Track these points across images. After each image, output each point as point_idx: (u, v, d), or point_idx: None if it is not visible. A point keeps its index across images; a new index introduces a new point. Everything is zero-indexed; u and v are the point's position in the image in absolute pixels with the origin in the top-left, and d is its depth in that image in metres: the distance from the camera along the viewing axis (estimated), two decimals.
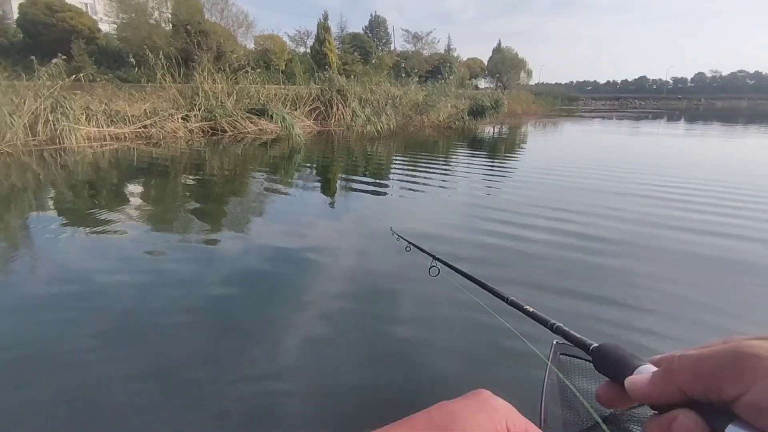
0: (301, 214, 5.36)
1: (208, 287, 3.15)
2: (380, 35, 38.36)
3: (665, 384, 0.30)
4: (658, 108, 49.79)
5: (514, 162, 10.12)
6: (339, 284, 3.27)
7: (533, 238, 4.24)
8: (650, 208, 5.32)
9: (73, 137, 10.35)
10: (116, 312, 2.74)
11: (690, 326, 2.60)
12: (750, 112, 40.91)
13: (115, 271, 3.42)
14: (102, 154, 9.83)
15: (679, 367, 0.29)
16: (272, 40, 24.24)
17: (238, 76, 15.35)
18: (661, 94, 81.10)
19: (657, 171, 8.18)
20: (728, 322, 2.63)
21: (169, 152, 10.21)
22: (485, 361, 2.32)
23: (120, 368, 2.18)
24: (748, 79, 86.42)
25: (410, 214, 5.44)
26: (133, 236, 4.32)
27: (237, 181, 7.48)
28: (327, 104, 16.78)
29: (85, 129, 10.76)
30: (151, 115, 12.35)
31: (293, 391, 2.05)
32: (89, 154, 9.71)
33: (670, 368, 0.30)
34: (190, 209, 5.53)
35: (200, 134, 12.95)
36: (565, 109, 38.90)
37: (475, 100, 20.73)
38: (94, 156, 9.60)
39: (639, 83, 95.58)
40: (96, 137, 11.02)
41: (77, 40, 20.23)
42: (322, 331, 2.59)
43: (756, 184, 6.81)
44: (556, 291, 3.03)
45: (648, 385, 0.31)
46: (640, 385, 0.32)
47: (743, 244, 4.02)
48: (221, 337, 2.50)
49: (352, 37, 31.00)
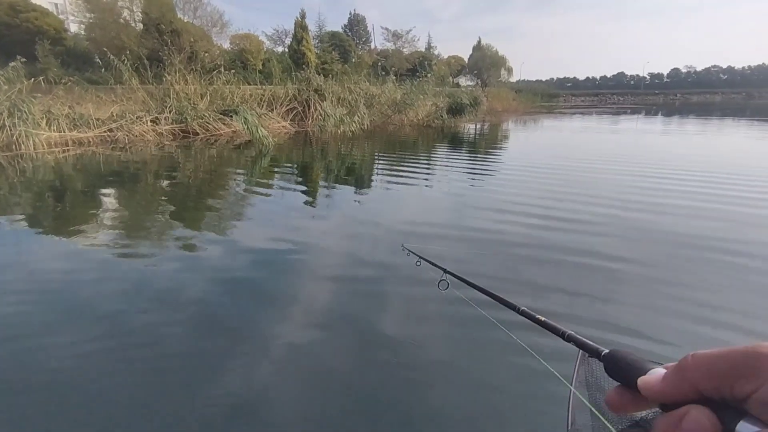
0: (267, 223, 5.09)
1: (186, 296, 3.04)
2: (360, 34, 38.01)
3: (678, 380, 0.30)
4: (636, 103, 50.58)
5: (496, 160, 9.97)
6: (329, 290, 3.05)
7: (522, 232, 4.15)
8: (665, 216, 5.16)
9: (30, 143, 9.83)
10: (94, 321, 2.69)
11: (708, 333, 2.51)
12: (724, 106, 41.93)
13: (85, 279, 3.31)
14: (65, 160, 9.36)
15: (693, 364, 0.29)
16: (248, 39, 23.71)
17: (212, 77, 14.93)
18: (639, 90, 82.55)
19: (671, 171, 7.95)
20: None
21: (135, 157, 9.78)
22: (498, 378, 2.19)
23: (102, 376, 2.17)
24: (721, 74, 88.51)
25: (385, 213, 5.21)
26: (101, 243, 4.13)
27: (198, 187, 7.16)
28: (304, 104, 16.44)
29: (45, 134, 10.23)
30: (117, 118, 11.85)
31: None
32: (50, 160, 9.23)
33: (683, 365, 0.30)
34: (155, 216, 5.21)
35: (170, 137, 12.49)
36: (546, 106, 39.17)
37: (454, 98, 20.61)
38: (57, 162, 9.13)
39: (617, 79, 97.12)
40: (57, 142, 10.50)
41: (42, 41, 19.45)
42: (314, 338, 2.51)
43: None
44: (568, 294, 2.98)
45: (661, 383, 0.31)
46: (653, 383, 0.32)
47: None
48: (204, 342, 2.49)
49: (331, 36, 30.60)
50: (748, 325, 2.58)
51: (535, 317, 0.68)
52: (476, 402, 2.01)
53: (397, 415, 1.92)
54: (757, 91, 66.07)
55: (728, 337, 2.44)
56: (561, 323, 0.59)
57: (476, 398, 2.03)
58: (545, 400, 1.92)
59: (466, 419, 1.90)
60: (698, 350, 0.30)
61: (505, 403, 2.00)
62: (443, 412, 1.94)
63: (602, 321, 2.63)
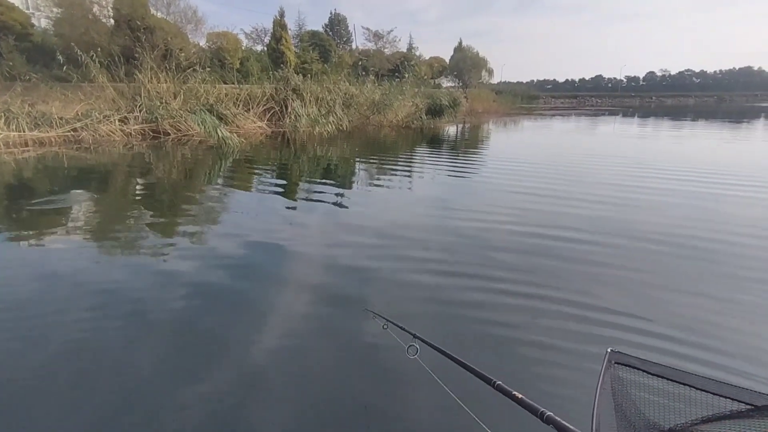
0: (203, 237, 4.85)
1: (139, 304, 2.88)
2: (341, 34, 37.68)
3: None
4: (613, 105, 51.54)
5: (475, 170, 9.89)
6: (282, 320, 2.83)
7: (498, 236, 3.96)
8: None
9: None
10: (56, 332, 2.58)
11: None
12: (697, 108, 43.09)
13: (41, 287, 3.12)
14: (25, 161, 8.91)
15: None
16: (226, 37, 23.16)
17: (186, 75, 14.49)
18: (616, 92, 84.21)
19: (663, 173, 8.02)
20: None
21: (98, 158, 9.37)
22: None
23: (74, 388, 2.10)
24: (694, 78, 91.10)
25: (342, 228, 5.01)
26: (62, 249, 3.93)
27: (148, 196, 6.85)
28: (282, 104, 16.12)
29: (2, 134, 9.73)
30: (83, 117, 11.37)
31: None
32: (9, 161, 8.77)
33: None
34: (98, 219, 4.92)
35: (140, 137, 12.04)
36: (526, 108, 39.52)
37: (433, 100, 20.53)
38: (16, 163, 8.68)
39: (595, 81, 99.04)
40: (16, 142, 10.00)
41: (6, 36, 18.61)
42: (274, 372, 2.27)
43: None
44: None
45: None
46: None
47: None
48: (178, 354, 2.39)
49: (311, 35, 30.21)
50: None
51: (512, 394, 0.64)
52: None
53: None
54: (728, 95, 68.22)
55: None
56: (539, 402, 0.56)
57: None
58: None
59: None
60: None
61: None
62: None
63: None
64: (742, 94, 69.96)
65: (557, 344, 2.42)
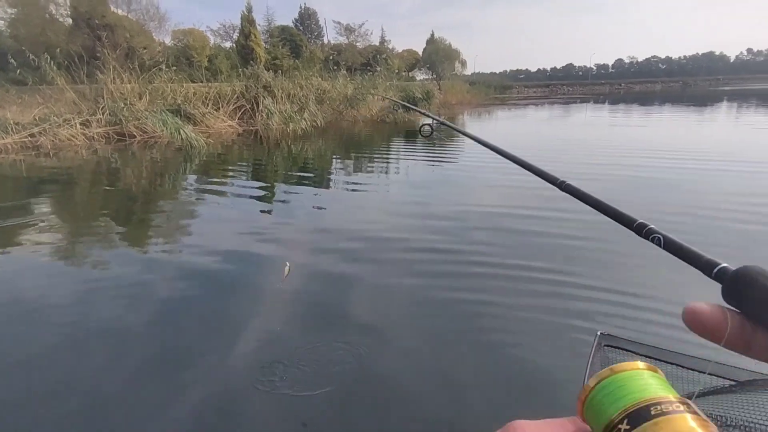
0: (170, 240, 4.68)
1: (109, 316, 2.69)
2: (311, 28, 37.19)
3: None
4: (584, 93, 52.47)
5: (452, 155, 9.88)
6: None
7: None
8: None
9: None
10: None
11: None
12: (663, 94, 44.29)
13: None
14: None
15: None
16: (192, 34, 22.52)
17: (151, 75, 14.00)
18: (587, 80, 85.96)
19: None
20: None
21: (59, 164, 8.96)
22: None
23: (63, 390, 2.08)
24: (660, 64, 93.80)
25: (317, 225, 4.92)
26: (22, 265, 3.71)
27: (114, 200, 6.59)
28: (253, 102, 15.76)
29: None
30: (40, 122, 10.85)
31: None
32: None
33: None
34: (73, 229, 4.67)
35: (103, 141, 11.57)
36: (499, 98, 39.86)
37: (406, 92, 20.45)
38: None
39: (566, 70, 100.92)
40: None
41: None
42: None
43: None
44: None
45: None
46: None
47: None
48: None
49: (281, 31, 29.66)
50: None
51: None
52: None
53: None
54: (692, 80, 70.50)
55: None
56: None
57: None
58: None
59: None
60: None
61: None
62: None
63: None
64: (706, 79, 72.45)
65: (548, 326, 2.51)
